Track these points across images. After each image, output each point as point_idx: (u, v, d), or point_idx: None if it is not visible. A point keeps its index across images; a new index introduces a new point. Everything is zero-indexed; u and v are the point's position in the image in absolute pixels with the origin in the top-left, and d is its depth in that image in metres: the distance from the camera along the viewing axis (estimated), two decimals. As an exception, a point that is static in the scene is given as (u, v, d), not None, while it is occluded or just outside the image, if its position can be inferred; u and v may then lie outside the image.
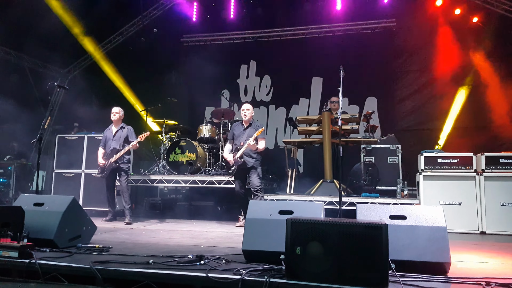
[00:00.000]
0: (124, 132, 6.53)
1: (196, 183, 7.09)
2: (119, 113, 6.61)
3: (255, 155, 5.93)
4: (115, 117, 6.56)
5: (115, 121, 6.60)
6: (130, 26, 11.15)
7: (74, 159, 7.62)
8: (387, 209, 3.26)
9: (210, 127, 7.74)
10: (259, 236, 3.24)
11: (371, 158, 7.45)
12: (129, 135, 6.52)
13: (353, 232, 2.51)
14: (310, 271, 2.52)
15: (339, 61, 5.29)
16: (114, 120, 6.58)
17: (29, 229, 3.38)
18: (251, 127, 6.02)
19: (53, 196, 6.46)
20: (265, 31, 11.09)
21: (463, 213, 5.54)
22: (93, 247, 3.57)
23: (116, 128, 6.59)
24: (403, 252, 2.93)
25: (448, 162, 5.76)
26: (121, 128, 6.58)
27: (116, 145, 6.43)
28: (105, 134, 6.68)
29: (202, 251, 3.60)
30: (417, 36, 9.84)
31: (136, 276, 2.76)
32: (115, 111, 6.58)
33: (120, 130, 6.56)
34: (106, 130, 6.71)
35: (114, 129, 6.59)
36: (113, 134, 6.53)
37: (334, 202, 6.03)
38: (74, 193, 6.97)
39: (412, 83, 10.01)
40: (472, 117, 9.17)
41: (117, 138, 6.50)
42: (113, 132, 6.56)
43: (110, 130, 6.63)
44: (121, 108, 6.72)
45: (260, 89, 11.09)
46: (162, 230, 5.54)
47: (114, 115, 6.56)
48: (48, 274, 2.90)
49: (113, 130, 6.58)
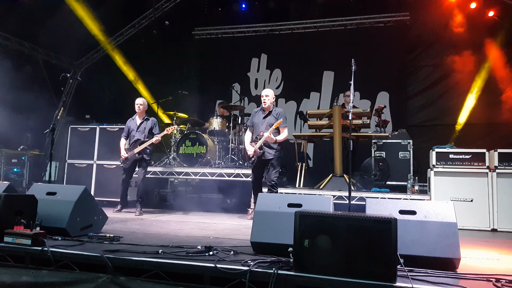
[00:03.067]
0: (149, 123, 6.55)
1: (206, 175, 7.12)
2: (143, 104, 6.60)
3: (275, 146, 5.68)
4: (140, 109, 6.55)
5: (139, 113, 6.59)
6: (142, 19, 11.18)
7: (86, 150, 7.71)
8: (397, 203, 3.23)
9: (220, 120, 7.76)
10: (268, 228, 3.25)
11: (382, 153, 7.39)
12: (154, 127, 6.54)
13: (362, 226, 2.50)
14: (318, 264, 2.52)
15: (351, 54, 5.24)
16: (138, 111, 6.58)
17: (42, 218, 3.44)
18: (271, 115, 5.74)
19: (65, 185, 6.53)
20: (276, 24, 11.03)
21: (474, 209, 5.48)
22: (104, 236, 3.61)
23: (140, 119, 6.59)
24: (412, 247, 2.90)
25: (460, 158, 5.69)
26: (145, 119, 6.58)
27: (140, 136, 6.45)
28: (128, 124, 6.65)
29: (211, 242, 3.63)
30: (431, 30, 9.69)
31: (146, 265, 2.80)
32: (139, 103, 6.58)
33: (144, 121, 6.56)
34: (129, 120, 6.68)
35: (139, 120, 6.58)
36: (137, 125, 6.53)
37: (344, 197, 6.02)
38: (86, 183, 7.13)
39: (425, 78, 9.89)
40: (485, 113, 9.03)
41: (142, 129, 6.50)
42: (137, 123, 6.56)
43: (134, 121, 6.61)
44: (144, 99, 6.70)
45: (270, 82, 11.06)
46: (172, 221, 5.59)
47: (138, 106, 6.56)
48: (60, 262, 2.95)
49: (137, 121, 6.57)
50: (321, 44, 10.52)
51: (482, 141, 7.97)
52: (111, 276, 2.77)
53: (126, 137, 6.60)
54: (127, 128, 6.63)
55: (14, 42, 9.30)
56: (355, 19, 10.35)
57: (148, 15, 11.07)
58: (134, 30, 11.22)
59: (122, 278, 2.76)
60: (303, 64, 10.51)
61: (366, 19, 10.28)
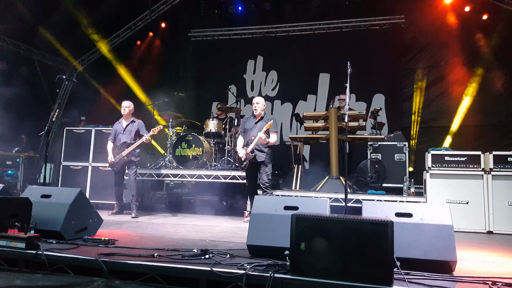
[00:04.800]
0: (135, 125, 6.52)
1: (202, 177, 7.11)
2: (129, 107, 6.58)
3: (266, 150, 5.76)
4: (125, 111, 6.54)
5: (125, 115, 6.58)
6: (138, 21, 11.16)
7: (81, 152, 7.67)
8: (393, 206, 3.24)
9: (216, 122, 7.75)
10: (264, 231, 3.24)
11: (378, 155, 7.41)
12: (140, 129, 6.51)
13: (359, 228, 2.50)
14: (314, 266, 2.51)
15: (346, 57, 5.27)
16: (124, 114, 6.56)
17: (36, 221, 3.41)
18: (262, 121, 5.84)
19: (60, 188, 6.51)
20: (272, 26, 11.04)
21: (470, 212, 5.51)
22: (99, 240, 3.59)
23: (126, 122, 6.56)
24: (409, 250, 2.91)
25: (456, 160, 5.72)
26: (131, 122, 6.55)
27: (127, 139, 6.43)
28: (115, 127, 6.65)
29: (207, 245, 3.61)
30: (426, 33, 9.76)
31: (141, 269, 2.78)
32: (125, 105, 6.56)
33: (130, 124, 6.53)
34: (116, 123, 6.68)
35: (125, 123, 6.56)
36: (124, 128, 6.51)
37: (340, 199, 6.02)
38: (81, 185, 7.09)
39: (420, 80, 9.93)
40: (480, 115, 9.09)
41: (128, 132, 6.48)
42: (124, 126, 6.53)
43: (120, 124, 6.60)
44: (131, 102, 6.68)
45: (266, 84, 11.06)
46: (167, 223, 5.57)
47: (124, 109, 6.54)
48: (55, 266, 2.92)
49: (124, 124, 6.55)
50: (317, 46, 10.54)
51: (477, 143, 8.02)
52: (106, 279, 2.74)
53: (113, 140, 6.57)
54: (114, 131, 6.61)
55: (9, 43, 9.25)
56: (350, 21, 10.38)
57: (145, 17, 11.05)
58: (130, 32, 11.19)
59: (117, 281, 2.74)
60: (299, 66, 10.52)
61: (362, 21, 10.31)
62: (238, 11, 11.00)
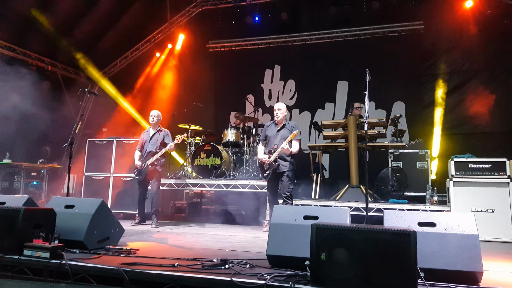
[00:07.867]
0: (161, 135, 6.59)
1: (221, 187, 7.13)
2: (157, 116, 6.66)
3: (289, 159, 5.65)
4: (154, 120, 6.62)
5: (153, 124, 6.65)
6: (158, 33, 11.42)
7: (103, 162, 7.82)
8: (415, 215, 3.17)
9: (234, 132, 7.79)
10: (284, 241, 3.22)
11: (399, 163, 7.29)
12: (165, 137, 6.59)
13: (380, 238, 2.46)
14: (335, 277, 2.48)
15: (365, 64, 5.21)
16: (152, 123, 6.64)
17: (60, 231, 3.48)
18: (284, 128, 5.73)
19: (83, 198, 6.61)
20: (289, 35, 11.07)
21: (496, 220, 5.34)
22: (121, 249, 3.63)
23: (153, 131, 6.64)
24: (433, 261, 2.84)
25: (480, 167, 5.57)
26: (158, 131, 6.63)
27: (152, 147, 6.51)
28: (142, 136, 6.73)
29: (226, 255, 3.61)
30: (446, 38, 9.58)
31: (162, 279, 2.80)
32: (153, 115, 6.65)
33: (157, 133, 6.61)
34: (144, 132, 6.77)
35: (152, 131, 6.64)
36: (150, 137, 6.59)
37: (361, 208, 5.93)
38: (103, 196, 7.22)
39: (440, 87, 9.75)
40: (505, 120, 8.83)
41: (154, 141, 6.56)
42: (150, 134, 6.62)
43: (148, 133, 6.68)
44: (159, 112, 6.77)
45: (284, 93, 11.07)
46: (187, 233, 5.60)
47: (152, 118, 6.63)
48: (78, 275, 2.98)
49: (150, 133, 6.63)
50: (334, 55, 10.50)
51: (502, 150, 7.80)
52: (127, 289, 2.77)
53: (141, 149, 6.66)
54: (141, 141, 6.70)
55: (34, 58, 9.58)
56: (368, 28, 10.32)
57: (164, 30, 11.29)
58: (150, 44, 11.48)
59: (138, 291, 2.77)
60: (317, 75, 10.49)
61: (380, 28, 10.23)
62: (255, 22, 11.08)
